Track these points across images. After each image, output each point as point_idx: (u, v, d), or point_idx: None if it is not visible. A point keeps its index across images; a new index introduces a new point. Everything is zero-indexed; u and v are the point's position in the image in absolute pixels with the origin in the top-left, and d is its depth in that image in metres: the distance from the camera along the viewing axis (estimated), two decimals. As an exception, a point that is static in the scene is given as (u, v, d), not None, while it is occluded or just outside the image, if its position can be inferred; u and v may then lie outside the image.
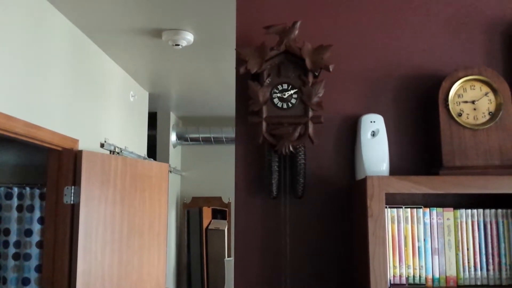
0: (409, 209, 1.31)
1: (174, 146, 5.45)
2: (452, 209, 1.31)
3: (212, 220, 5.82)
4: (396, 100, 1.54)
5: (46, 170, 2.88)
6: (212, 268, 5.61)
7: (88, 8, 2.77)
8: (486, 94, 1.38)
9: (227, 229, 5.68)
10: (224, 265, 5.37)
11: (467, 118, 1.37)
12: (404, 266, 1.29)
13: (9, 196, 3.03)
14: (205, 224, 5.73)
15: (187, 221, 5.73)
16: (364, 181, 1.24)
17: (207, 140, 5.37)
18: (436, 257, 1.30)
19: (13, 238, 2.99)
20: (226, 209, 5.74)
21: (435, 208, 1.31)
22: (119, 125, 3.81)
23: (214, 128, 5.31)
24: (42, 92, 2.67)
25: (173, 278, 5.41)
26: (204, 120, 5.61)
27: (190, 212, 5.75)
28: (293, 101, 1.42)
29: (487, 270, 1.30)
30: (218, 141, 5.34)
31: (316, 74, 1.43)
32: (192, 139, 5.40)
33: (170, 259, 5.23)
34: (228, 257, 5.52)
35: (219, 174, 5.53)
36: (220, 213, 5.84)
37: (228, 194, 5.59)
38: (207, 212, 5.78)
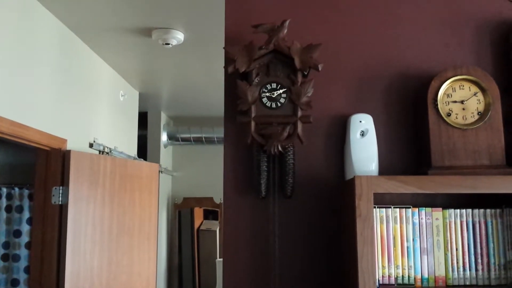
0: (398, 209, 1.30)
1: (165, 146, 5.42)
2: (441, 209, 1.31)
3: (204, 221, 5.80)
4: (385, 99, 1.53)
5: (35, 170, 2.85)
6: (204, 269, 5.58)
7: (77, 6, 2.74)
8: (475, 94, 1.37)
9: (219, 229, 5.66)
10: (216, 266, 5.35)
11: (456, 118, 1.36)
12: (393, 266, 1.28)
13: (-3, 196, 2.99)
14: (196, 225, 5.70)
15: (179, 222, 5.70)
16: (352, 181, 1.23)
17: (198, 140, 5.34)
18: (425, 257, 1.29)
19: (1, 239, 2.96)
20: (218, 210, 5.72)
21: (424, 208, 1.31)
22: (108, 125, 3.78)
23: (206, 128, 5.29)
24: (30, 91, 2.63)
25: (164, 279, 5.38)
26: (195, 120, 5.59)
27: (181, 213, 5.72)
28: (282, 100, 1.41)
29: (476, 270, 1.30)
30: (209, 141, 5.32)
31: (305, 73, 1.42)
32: (183, 139, 5.38)
33: (161, 260, 5.20)
34: (219, 258, 5.50)
35: (210, 174, 5.50)
36: (211, 214, 5.82)
37: (219, 194, 5.56)
38: (198, 213, 5.76)
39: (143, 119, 5.03)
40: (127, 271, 3.31)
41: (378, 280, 1.28)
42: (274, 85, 1.42)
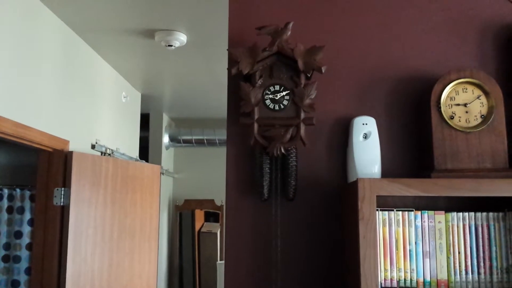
0: (400, 212, 1.30)
1: (167, 147, 5.42)
2: (443, 212, 1.31)
3: (205, 223, 5.80)
4: (389, 102, 1.53)
5: (36, 171, 2.85)
6: (204, 272, 5.58)
7: (80, 7, 2.75)
8: (478, 97, 1.37)
9: (220, 232, 5.65)
10: (216, 269, 5.34)
11: (459, 121, 1.36)
12: (395, 269, 1.28)
13: (-2, 197, 3.00)
14: (197, 227, 5.70)
15: (179, 224, 5.70)
16: (355, 183, 1.23)
17: (200, 142, 5.34)
18: (427, 260, 1.29)
19: (2, 240, 2.96)
20: (219, 212, 5.71)
21: (427, 211, 1.30)
22: (110, 126, 3.79)
23: (207, 130, 5.29)
24: (32, 92, 2.64)
25: (165, 281, 5.38)
26: (197, 122, 5.59)
27: (182, 215, 5.72)
28: (285, 102, 1.41)
29: (478, 273, 1.29)
30: (211, 143, 5.32)
31: (309, 75, 1.42)
32: (185, 141, 5.38)
33: (162, 262, 5.19)
34: (220, 260, 5.49)
35: (212, 176, 5.51)
36: (212, 216, 5.82)
37: (221, 196, 5.57)
38: (199, 215, 5.75)
39: (145, 120, 5.03)
40: (128, 273, 3.31)
41: (380, 283, 1.27)
42: (277, 87, 1.42)
